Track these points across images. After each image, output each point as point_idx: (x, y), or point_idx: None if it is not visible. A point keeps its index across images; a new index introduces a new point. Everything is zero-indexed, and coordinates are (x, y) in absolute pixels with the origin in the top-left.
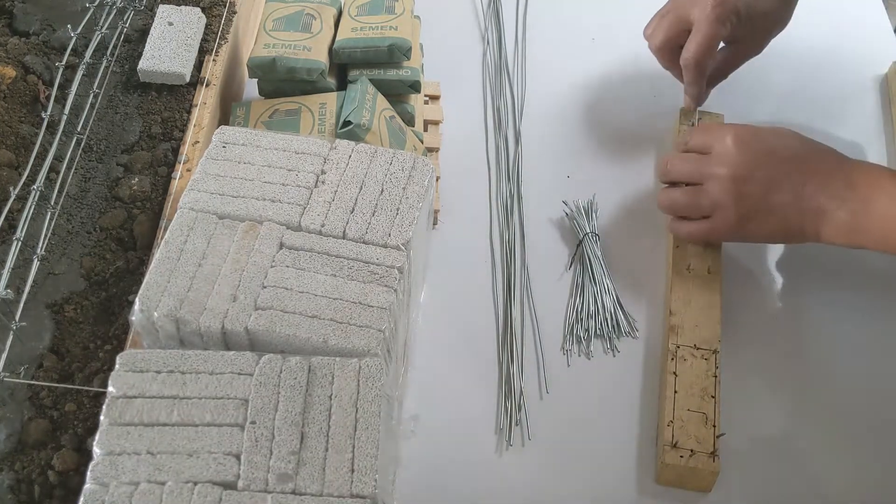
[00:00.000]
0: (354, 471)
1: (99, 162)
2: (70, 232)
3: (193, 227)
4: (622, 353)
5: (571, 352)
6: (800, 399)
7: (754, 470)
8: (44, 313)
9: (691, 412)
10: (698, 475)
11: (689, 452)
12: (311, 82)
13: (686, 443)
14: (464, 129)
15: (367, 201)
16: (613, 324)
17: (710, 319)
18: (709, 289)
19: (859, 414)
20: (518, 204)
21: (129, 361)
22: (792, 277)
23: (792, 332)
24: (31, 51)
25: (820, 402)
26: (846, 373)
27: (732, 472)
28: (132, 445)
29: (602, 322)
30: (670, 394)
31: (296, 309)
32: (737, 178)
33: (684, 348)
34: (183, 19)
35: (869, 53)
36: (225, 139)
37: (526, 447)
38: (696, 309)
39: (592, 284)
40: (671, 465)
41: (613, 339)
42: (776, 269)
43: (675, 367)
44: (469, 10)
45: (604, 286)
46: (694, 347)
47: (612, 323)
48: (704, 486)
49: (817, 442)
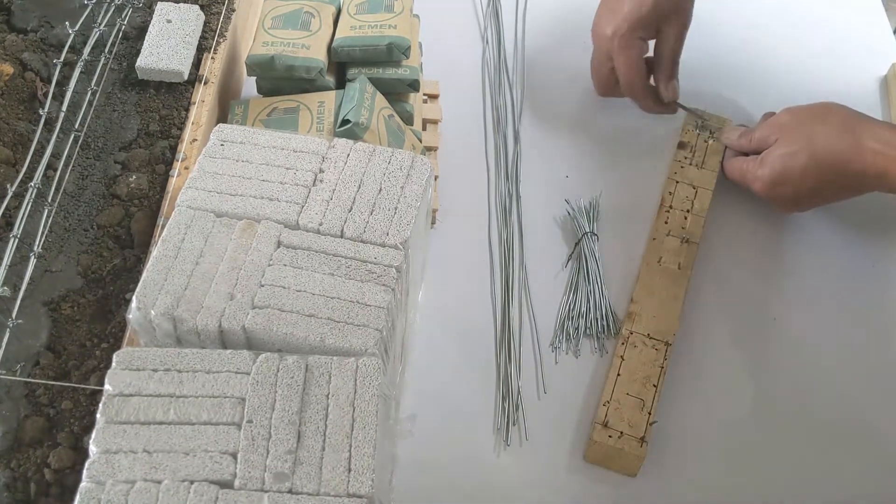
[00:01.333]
0: (351, 470)
1: (96, 159)
2: (67, 229)
3: (191, 225)
4: (609, 354)
5: (560, 349)
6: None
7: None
8: (40, 311)
9: (630, 396)
10: (625, 458)
11: (619, 434)
12: (310, 80)
13: (618, 424)
14: (462, 128)
15: (366, 200)
16: (603, 323)
17: (670, 313)
18: (675, 283)
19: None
20: (516, 204)
21: (125, 359)
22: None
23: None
24: (28, 48)
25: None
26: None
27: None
28: (128, 444)
29: (592, 321)
30: (613, 376)
31: (293, 308)
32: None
33: (637, 335)
34: (181, 17)
35: (869, 55)
36: (223, 137)
37: (524, 447)
38: (657, 300)
39: (586, 283)
40: (599, 443)
41: (602, 338)
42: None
43: (624, 352)
44: (468, 10)
45: (597, 285)
46: (647, 336)
47: (601, 322)
48: (629, 470)
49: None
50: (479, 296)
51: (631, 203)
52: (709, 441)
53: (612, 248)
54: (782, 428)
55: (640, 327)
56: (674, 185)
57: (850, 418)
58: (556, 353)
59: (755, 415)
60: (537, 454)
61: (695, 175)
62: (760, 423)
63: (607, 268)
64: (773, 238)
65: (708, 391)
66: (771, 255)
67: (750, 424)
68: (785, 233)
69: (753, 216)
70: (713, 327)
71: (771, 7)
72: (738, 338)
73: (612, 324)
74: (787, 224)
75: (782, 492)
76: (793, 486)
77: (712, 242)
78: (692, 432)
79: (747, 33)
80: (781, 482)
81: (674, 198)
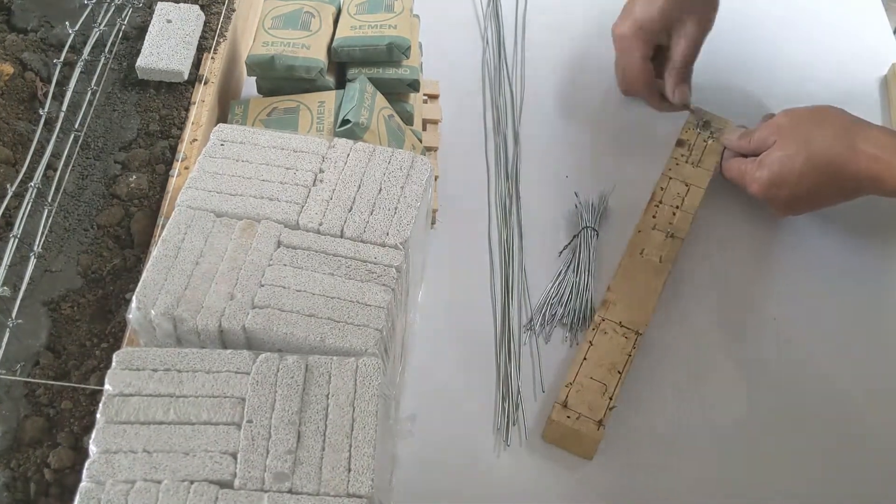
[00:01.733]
0: (351, 470)
1: (96, 159)
2: (67, 229)
3: (191, 225)
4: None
5: (532, 333)
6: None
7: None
8: (40, 311)
9: (593, 381)
10: (581, 439)
11: (577, 415)
12: (310, 80)
13: (577, 406)
14: (462, 128)
15: (366, 200)
16: (580, 315)
17: (645, 304)
18: (654, 275)
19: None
20: (516, 204)
21: (125, 359)
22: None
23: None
24: (28, 47)
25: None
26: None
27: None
28: (128, 444)
29: (570, 311)
30: (579, 359)
31: (293, 307)
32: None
33: (609, 322)
34: (181, 17)
35: (869, 55)
36: (223, 137)
37: (523, 447)
38: (633, 290)
39: (574, 275)
40: (557, 422)
41: (576, 328)
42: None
43: (594, 338)
44: (468, 10)
45: (584, 276)
46: (619, 324)
47: (578, 313)
48: (585, 453)
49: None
50: (479, 296)
51: (631, 202)
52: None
53: (610, 244)
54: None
55: (612, 315)
56: (667, 181)
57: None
58: (528, 336)
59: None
60: (537, 454)
61: (689, 172)
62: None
63: (602, 263)
64: (766, 238)
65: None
66: (762, 254)
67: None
68: (778, 234)
69: (747, 216)
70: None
71: (771, 7)
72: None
73: (589, 316)
74: (781, 226)
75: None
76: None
77: (705, 240)
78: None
79: (748, 33)
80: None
81: (665, 193)
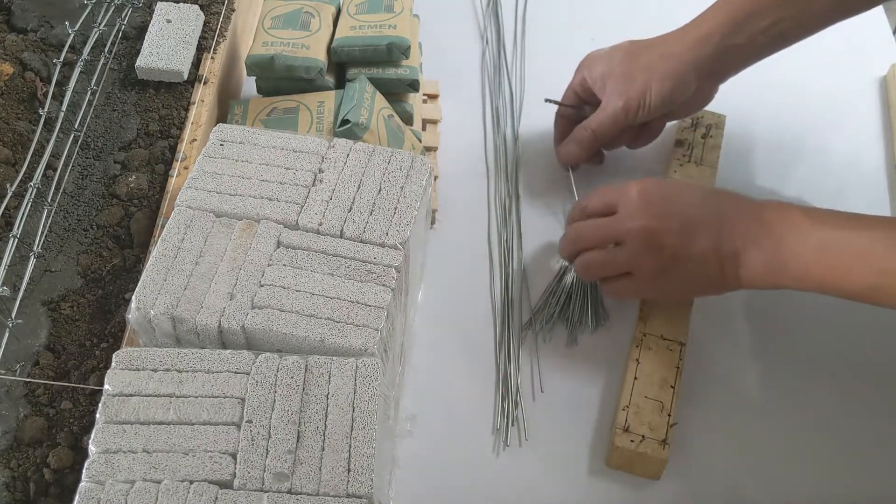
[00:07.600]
0: (351, 470)
1: (96, 159)
2: (67, 229)
3: (190, 225)
4: (581, 346)
5: (530, 332)
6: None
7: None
8: (40, 311)
9: (648, 399)
10: (647, 461)
11: (640, 438)
12: (310, 81)
13: (638, 428)
14: (462, 128)
15: (365, 200)
16: (579, 315)
17: (681, 313)
18: None
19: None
20: (516, 204)
21: (125, 359)
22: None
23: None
24: (28, 47)
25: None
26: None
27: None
28: (128, 443)
29: (569, 311)
30: (630, 379)
31: (293, 308)
32: (651, 229)
33: (651, 337)
34: (181, 17)
35: (868, 56)
36: (223, 137)
37: (523, 447)
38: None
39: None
40: (621, 448)
41: (575, 329)
42: None
43: (639, 355)
44: (468, 10)
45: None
46: (661, 338)
47: (577, 314)
48: (652, 473)
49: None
50: (478, 296)
51: None
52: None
53: None
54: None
55: (652, 328)
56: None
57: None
58: (527, 335)
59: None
60: (536, 454)
61: (694, 172)
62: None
63: None
64: None
65: (720, 391)
66: None
67: (766, 421)
68: None
69: None
70: (720, 327)
71: None
72: (747, 337)
73: (594, 317)
74: None
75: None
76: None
77: None
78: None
79: None
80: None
81: None
